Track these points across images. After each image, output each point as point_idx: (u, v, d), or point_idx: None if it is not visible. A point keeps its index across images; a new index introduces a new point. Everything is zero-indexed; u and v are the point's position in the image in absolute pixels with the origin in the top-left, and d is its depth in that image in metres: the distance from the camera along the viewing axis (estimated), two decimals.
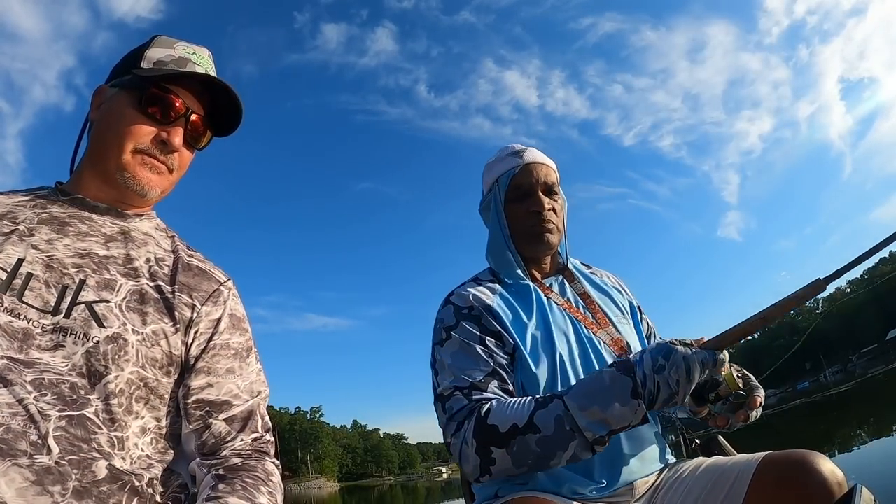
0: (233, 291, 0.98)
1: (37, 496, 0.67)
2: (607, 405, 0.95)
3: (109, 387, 0.77)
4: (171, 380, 0.86)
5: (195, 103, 0.95)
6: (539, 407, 0.99)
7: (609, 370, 1.00)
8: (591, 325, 1.26)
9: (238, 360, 0.94)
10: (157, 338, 0.83)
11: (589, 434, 0.95)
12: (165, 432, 0.86)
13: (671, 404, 0.97)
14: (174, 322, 0.86)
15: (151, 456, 0.83)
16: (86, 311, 0.78)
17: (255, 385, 0.95)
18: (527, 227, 1.29)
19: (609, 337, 1.25)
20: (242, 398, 0.92)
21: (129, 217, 0.94)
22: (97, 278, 0.82)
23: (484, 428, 1.00)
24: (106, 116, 0.91)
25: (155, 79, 0.91)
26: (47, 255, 0.80)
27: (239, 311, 0.98)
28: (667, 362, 0.95)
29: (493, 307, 1.20)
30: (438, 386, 1.14)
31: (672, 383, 0.95)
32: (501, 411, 1.01)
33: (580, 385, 1.01)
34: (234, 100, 0.97)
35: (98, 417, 0.75)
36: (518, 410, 1.00)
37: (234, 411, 0.90)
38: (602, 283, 1.43)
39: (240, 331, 0.96)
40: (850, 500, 0.81)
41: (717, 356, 0.97)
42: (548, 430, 0.97)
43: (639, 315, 1.43)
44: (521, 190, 1.31)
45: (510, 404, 1.02)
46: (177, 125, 0.92)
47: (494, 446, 0.99)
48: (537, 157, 1.35)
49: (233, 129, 1.02)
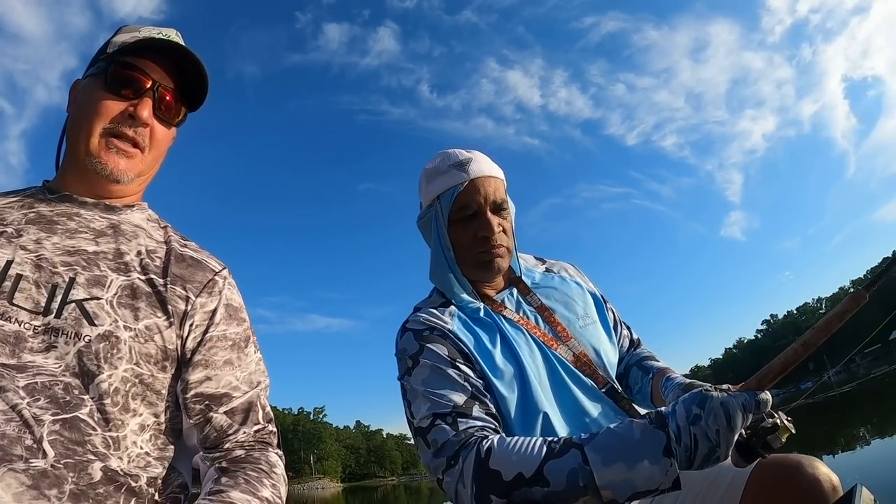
0: (228, 280, 0.96)
1: (33, 500, 0.67)
2: (634, 462, 0.83)
3: (103, 386, 0.76)
4: (167, 375, 0.85)
5: (165, 77, 0.94)
6: (551, 456, 0.88)
7: (641, 422, 0.88)
8: (550, 341, 1.18)
9: (236, 351, 0.92)
10: (150, 333, 0.82)
11: (606, 494, 0.84)
12: (165, 428, 0.85)
13: (713, 461, 0.84)
14: (167, 316, 0.85)
15: (151, 453, 0.82)
16: (76, 310, 0.77)
17: (255, 375, 0.94)
18: (474, 253, 1.19)
19: (570, 353, 1.17)
20: (242, 389, 0.90)
21: (119, 210, 0.93)
22: (87, 275, 0.81)
23: (485, 472, 0.90)
24: (79, 105, 0.92)
25: (117, 55, 0.91)
26: (36, 254, 0.80)
27: (235, 301, 0.96)
28: (702, 411, 0.83)
29: (454, 331, 1.13)
30: (414, 417, 1.04)
31: (711, 434, 0.82)
32: (506, 454, 0.91)
33: (605, 436, 0.88)
34: (198, 67, 0.95)
35: (92, 418, 0.75)
36: (526, 456, 0.89)
37: (235, 403, 0.89)
38: (560, 282, 1.34)
39: (237, 321, 0.94)
40: (850, 500, 0.81)
41: (759, 396, 0.84)
42: (558, 484, 0.85)
43: (604, 305, 1.35)
44: (468, 211, 1.18)
45: (516, 446, 0.91)
46: (144, 97, 0.91)
47: (495, 495, 0.89)
48: (484, 169, 1.21)
49: (203, 98, 0.99)
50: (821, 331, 0.87)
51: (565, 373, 1.14)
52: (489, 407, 1.04)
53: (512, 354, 1.13)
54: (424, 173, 1.27)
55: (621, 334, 1.40)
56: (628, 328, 1.44)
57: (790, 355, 0.88)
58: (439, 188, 1.21)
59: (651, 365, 1.31)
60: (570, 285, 1.34)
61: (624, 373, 1.37)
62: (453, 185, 1.19)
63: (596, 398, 1.14)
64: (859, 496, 0.80)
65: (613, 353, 1.28)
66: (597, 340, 1.23)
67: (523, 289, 1.28)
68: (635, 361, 1.36)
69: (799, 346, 0.88)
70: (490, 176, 1.21)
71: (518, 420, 1.07)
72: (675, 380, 1.12)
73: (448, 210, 1.19)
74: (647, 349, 1.42)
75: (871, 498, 0.83)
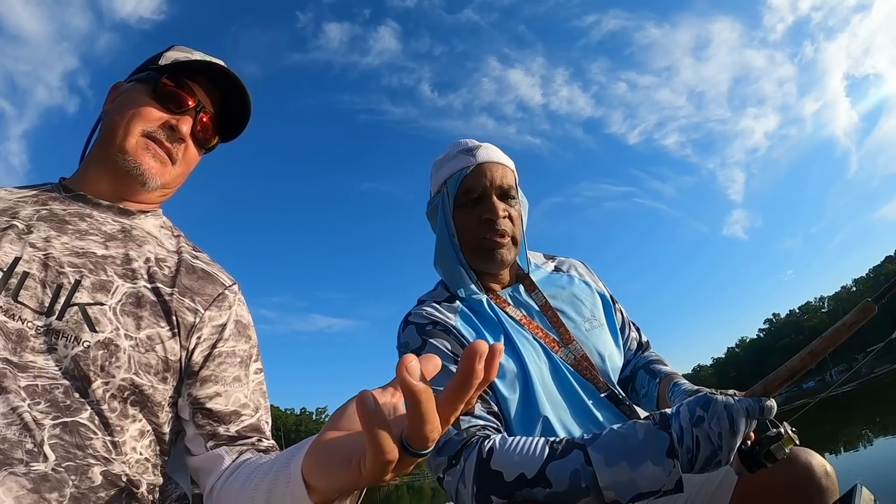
0: (238, 296, 0.95)
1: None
2: (638, 463, 0.83)
3: (99, 392, 0.75)
4: (168, 386, 0.83)
5: (207, 102, 0.96)
6: (553, 456, 0.87)
7: (645, 423, 0.88)
8: (551, 342, 1.17)
9: (243, 368, 0.91)
10: (151, 343, 0.80)
11: (609, 495, 0.84)
12: (165, 437, 0.84)
13: (714, 465, 0.83)
14: (171, 326, 0.83)
15: (150, 459, 0.81)
16: (79, 314, 0.76)
17: (256, 395, 0.92)
18: (478, 238, 1.18)
19: (572, 356, 1.16)
20: (251, 407, 0.89)
21: (133, 214, 0.92)
22: (93, 279, 0.80)
23: (487, 472, 0.90)
24: (119, 104, 0.92)
25: (170, 69, 0.93)
26: (44, 253, 0.79)
27: (245, 318, 0.95)
28: (706, 413, 0.83)
29: (457, 328, 1.12)
30: None
31: (714, 437, 0.82)
32: (507, 454, 0.90)
33: (609, 436, 0.88)
34: (244, 101, 0.97)
35: (93, 423, 0.74)
36: (527, 456, 0.89)
37: (245, 423, 0.87)
38: (568, 281, 1.32)
39: (245, 338, 0.93)
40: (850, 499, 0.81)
41: (763, 402, 0.85)
42: (560, 485, 0.85)
43: (612, 306, 1.34)
44: (473, 194, 1.18)
45: (518, 446, 0.91)
46: (187, 115, 0.93)
47: (496, 496, 0.89)
48: (493, 155, 1.21)
49: (239, 132, 1.02)
50: (828, 340, 0.88)
51: (566, 376, 1.13)
52: (491, 405, 1.04)
53: (515, 354, 1.12)
54: (435, 163, 1.28)
55: (629, 336, 1.39)
56: (637, 330, 1.42)
57: (797, 363, 0.88)
58: (447, 173, 1.22)
59: (658, 369, 1.29)
60: (579, 285, 1.32)
61: (631, 376, 1.36)
62: (460, 169, 1.19)
63: (597, 402, 1.14)
64: (859, 496, 0.81)
65: (618, 356, 1.26)
66: (601, 344, 1.22)
67: (529, 286, 1.26)
68: (643, 365, 1.34)
69: (806, 354, 0.88)
70: (498, 162, 1.21)
71: (519, 421, 1.07)
72: (682, 386, 1.12)
73: (454, 193, 1.19)
74: (655, 352, 1.40)
75: (871, 498, 0.83)
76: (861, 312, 0.88)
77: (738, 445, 0.83)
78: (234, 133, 1.03)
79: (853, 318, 0.88)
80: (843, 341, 0.88)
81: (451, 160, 1.22)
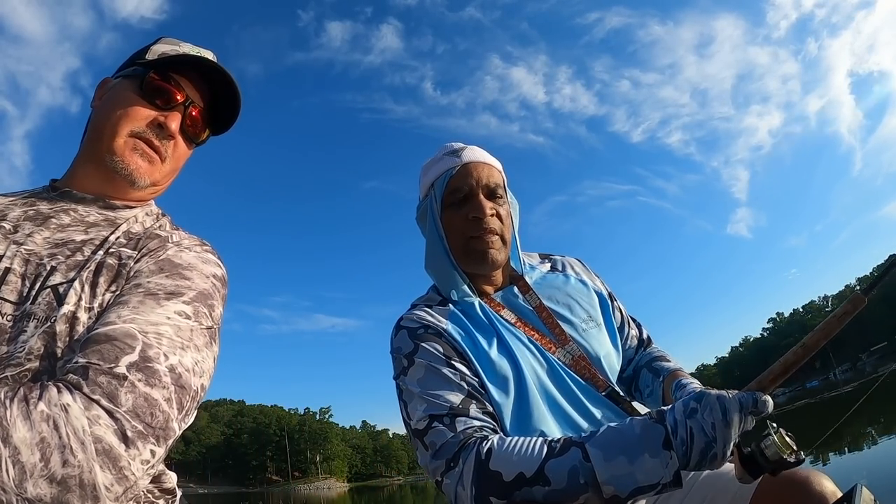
0: (183, 244, 0.88)
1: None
2: (636, 456, 0.84)
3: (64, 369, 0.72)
4: None
5: (196, 95, 0.95)
6: (551, 455, 0.88)
7: (641, 418, 0.89)
8: (547, 343, 1.16)
9: (147, 299, 0.76)
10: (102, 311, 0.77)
11: (608, 490, 0.84)
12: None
13: (710, 459, 0.83)
14: (119, 288, 0.79)
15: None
16: (50, 294, 0.76)
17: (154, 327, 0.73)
18: (466, 238, 1.18)
19: (569, 356, 1.15)
20: (117, 325, 0.71)
21: (118, 208, 0.92)
22: (68, 262, 0.79)
23: (485, 473, 0.89)
24: (106, 102, 0.92)
25: (156, 64, 0.92)
26: (26, 248, 0.79)
27: (180, 258, 0.84)
28: (699, 404, 0.85)
29: (449, 331, 1.11)
30: (411, 418, 1.03)
31: (707, 428, 0.83)
32: (506, 455, 0.90)
33: (606, 433, 0.89)
34: (234, 93, 0.97)
35: None
36: (526, 456, 0.89)
37: (99, 332, 0.71)
38: (564, 281, 1.31)
39: (171, 275, 0.81)
40: (850, 499, 0.82)
41: (758, 396, 0.84)
42: (559, 482, 0.85)
43: (609, 304, 1.32)
44: (460, 193, 1.19)
45: (516, 446, 0.91)
46: (175, 111, 0.92)
47: (495, 497, 0.88)
48: (478, 155, 1.23)
49: (230, 125, 1.01)
50: (820, 333, 0.89)
51: (564, 376, 1.13)
52: (486, 406, 1.04)
53: (509, 357, 1.12)
54: (422, 168, 1.29)
55: (629, 334, 1.38)
56: (637, 326, 1.41)
57: (790, 357, 0.89)
58: (434, 175, 1.23)
59: (661, 366, 1.28)
60: (575, 284, 1.31)
61: (633, 375, 1.35)
62: (446, 170, 1.21)
63: (596, 402, 1.13)
64: (859, 496, 0.81)
65: (617, 355, 1.25)
66: (599, 344, 1.21)
67: (523, 287, 1.26)
68: (645, 363, 1.33)
69: (799, 348, 0.89)
70: (484, 162, 1.23)
71: (514, 424, 1.06)
72: (687, 386, 1.12)
73: (441, 194, 1.21)
74: (657, 348, 1.39)
75: (871, 497, 0.83)
76: (851, 304, 0.88)
77: (733, 439, 0.83)
78: (225, 125, 1.02)
79: (843, 310, 0.88)
80: (836, 334, 0.89)
81: (437, 163, 1.24)
